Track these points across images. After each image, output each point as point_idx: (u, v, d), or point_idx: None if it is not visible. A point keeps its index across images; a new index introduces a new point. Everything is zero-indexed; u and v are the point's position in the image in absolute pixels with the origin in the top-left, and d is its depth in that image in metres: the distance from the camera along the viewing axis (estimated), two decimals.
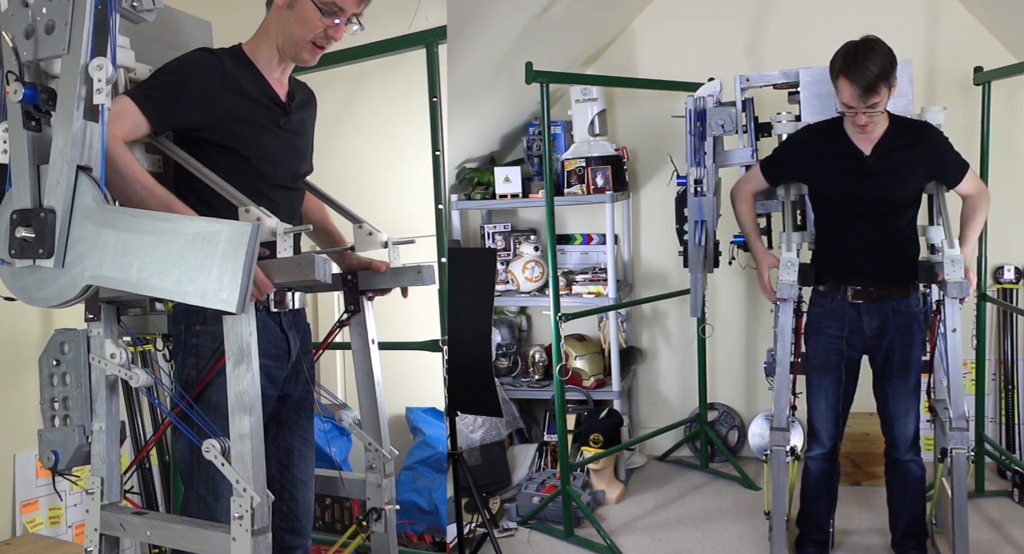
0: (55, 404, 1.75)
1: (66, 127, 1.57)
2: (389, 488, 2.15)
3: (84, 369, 1.72)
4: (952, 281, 2.52)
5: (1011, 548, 3.09)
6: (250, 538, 1.54)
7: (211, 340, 1.83)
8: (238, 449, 1.55)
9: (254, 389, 1.55)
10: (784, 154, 2.85)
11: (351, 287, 2.14)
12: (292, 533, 2.09)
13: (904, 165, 2.63)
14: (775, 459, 2.77)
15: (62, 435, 1.74)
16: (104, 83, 1.54)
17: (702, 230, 3.02)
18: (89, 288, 1.59)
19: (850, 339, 2.73)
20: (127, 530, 1.71)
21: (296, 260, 1.66)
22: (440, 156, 2.83)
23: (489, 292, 2.92)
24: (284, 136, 2.00)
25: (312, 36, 1.94)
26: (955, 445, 2.63)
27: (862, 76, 2.43)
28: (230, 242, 1.46)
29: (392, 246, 2.11)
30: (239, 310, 1.45)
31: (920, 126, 2.72)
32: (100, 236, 1.56)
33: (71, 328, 1.76)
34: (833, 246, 2.78)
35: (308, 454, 2.15)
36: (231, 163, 1.88)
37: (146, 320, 2.04)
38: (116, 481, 1.74)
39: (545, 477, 3.72)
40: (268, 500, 1.58)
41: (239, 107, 1.89)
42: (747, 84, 3.01)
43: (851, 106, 2.50)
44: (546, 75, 3.15)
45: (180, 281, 1.48)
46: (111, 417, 1.71)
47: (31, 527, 3.00)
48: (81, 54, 1.55)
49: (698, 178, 2.99)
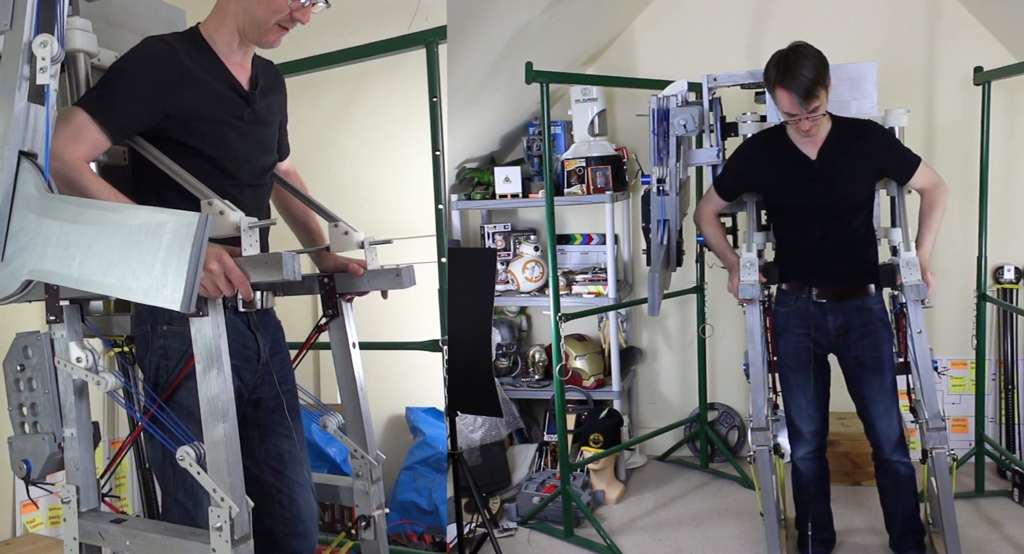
0: (23, 410, 1.67)
1: (7, 109, 1.45)
2: (377, 494, 2.06)
3: (50, 374, 1.63)
4: (909, 284, 2.56)
5: (1011, 548, 3.09)
6: (230, 549, 1.49)
7: (180, 341, 1.73)
8: (213, 457, 1.49)
9: (227, 394, 1.49)
10: (733, 168, 2.87)
11: (328, 290, 2.02)
12: (296, 537, 2.02)
13: (851, 165, 2.65)
14: (759, 459, 2.78)
15: (32, 443, 1.66)
16: (49, 62, 1.43)
17: (664, 229, 3.01)
18: (30, 283, 1.50)
19: (816, 338, 2.74)
20: (106, 539, 1.64)
21: (263, 257, 1.58)
22: (440, 156, 2.83)
23: (489, 292, 2.92)
24: (248, 130, 1.87)
25: (277, 18, 1.80)
26: (934, 445, 2.65)
27: (799, 83, 2.44)
28: (176, 234, 1.35)
29: (369, 247, 1.99)
30: (184, 308, 1.35)
31: (863, 124, 2.72)
32: (42, 227, 1.45)
33: (33, 331, 1.66)
34: (791, 250, 2.80)
35: (300, 455, 2.05)
36: (193, 163, 1.75)
37: (109, 321, 1.90)
38: (92, 487, 1.68)
39: (545, 477, 3.72)
40: (248, 507, 1.52)
41: (199, 104, 1.76)
42: (714, 83, 3.02)
43: (793, 114, 2.52)
44: (546, 75, 3.15)
45: (123, 276, 1.37)
46: (82, 422, 1.63)
47: (31, 527, 3.00)
48: (24, 30, 1.44)
49: (661, 177, 2.98)
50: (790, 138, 2.69)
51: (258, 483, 1.96)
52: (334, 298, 2.02)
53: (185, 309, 1.35)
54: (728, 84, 3.02)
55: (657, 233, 3.02)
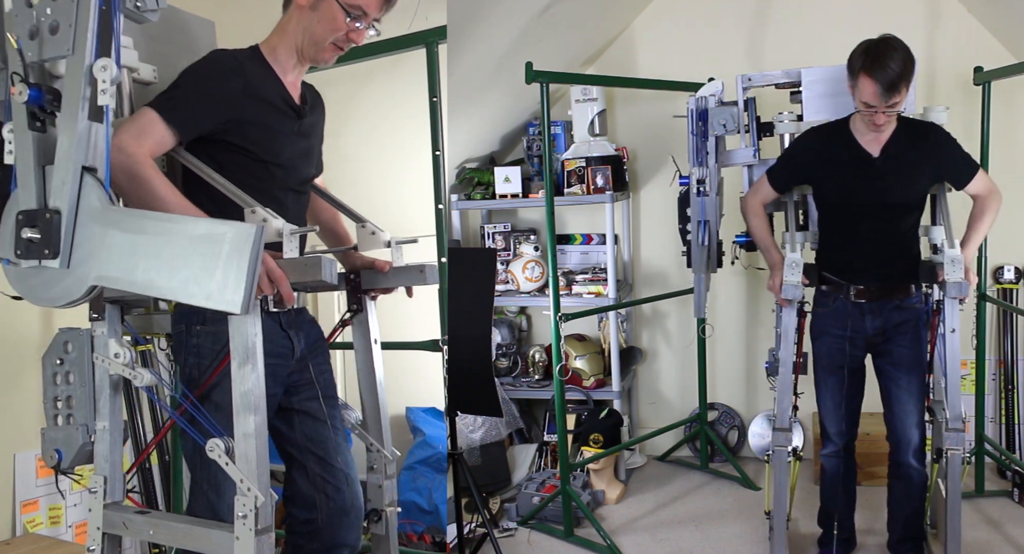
0: (58, 403, 1.75)
1: (71, 128, 1.56)
2: (390, 489, 2.14)
3: (88, 368, 1.72)
4: (952, 281, 2.52)
5: (1011, 548, 3.09)
6: (253, 537, 1.54)
7: (212, 340, 1.83)
8: (242, 448, 1.55)
9: (259, 389, 1.56)
10: (791, 159, 2.82)
11: (354, 286, 2.14)
12: (339, 528, 2.05)
13: (912, 167, 2.62)
14: (777, 459, 2.77)
15: (65, 434, 1.73)
16: (108, 84, 1.54)
17: (705, 230, 3.01)
18: (95, 288, 1.59)
19: (853, 339, 2.72)
20: (130, 529, 1.70)
21: (303, 260, 1.69)
22: (440, 156, 2.83)
23: (489, 292, 2.92)
24: (297, 141, 2.01)
25: (334, 37, 1.94)
26: (950, 446, 2.63)
27: (885, 74, 2.39)
28: (235, 243, 1.45)
29: (395, 246, 2.11)
30: (243, 311, 1.45)
31: (927, 127, 2.69)
32: (105, 237, 1.56)
33: (75, 327, 1.75)
34: (837, 247, 2.77)
35: (344, 444, 2.12)
36: (246, 165, 1.90)
37: (150, 319, 2.05)
38: (119, 480, 1.74)
39: (545, 477, 3.72)
40: (272, 500, 1.58)
41: (258, 112, 1.90)
42: (749, 84, 3.00)
43: (871, 105, 2.46)
44: (546, 75, 3.15)
45: (185, 282, 1.48)
46: (114, 416, 1.71)
47: (31, 527, 3.00)
48: (85, 55, 1.55)
49: (700, 178, 2.98)
50: (852, 133, 2.64)
51: (303, 471, 2.04)
52: (359, 294, 2.13)
53: (244, 312, 1.46)
54: (763, 84, 3.00)
55: (698, 234, 3.01)
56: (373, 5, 1.94)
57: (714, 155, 2.98)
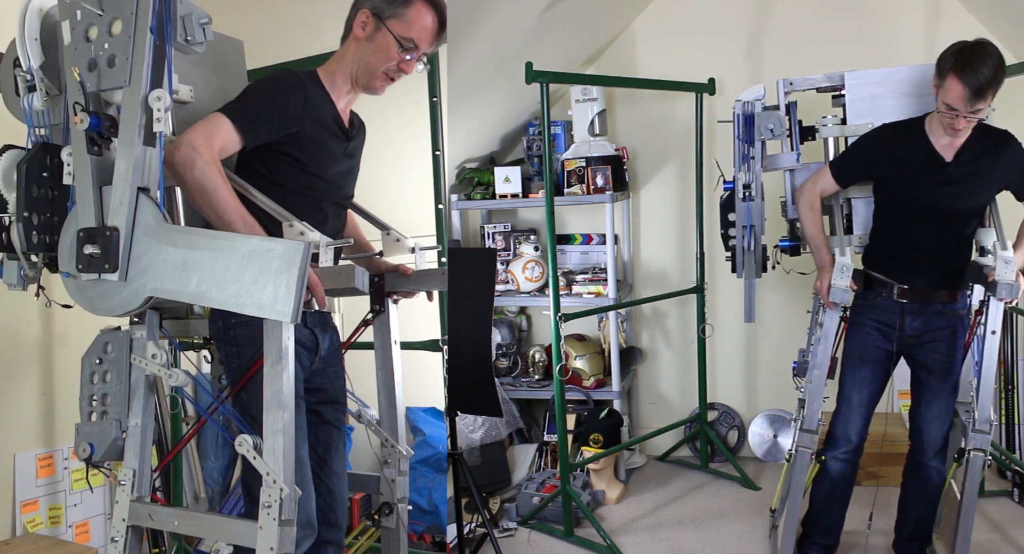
0: (93, 401, 1.84)
1: (128, 153, 1.70)
2: (403, 485, 2.25)
3: (125, 368, 1.82)
4: (1003, 282, 2.47)
5: (1011, 548, 3.09)
6: (276, 527, 1.62)
7: (248, 329, 1.91)
8: (271, 443, 1.64)
9: (289, 388, 1.65)
10: (862, 154, 2.74)
11: (377, 289, 2.24)
12: (327, 526, 2.14)
13: (983, 174, 2.58)
14: (799, 460, 2.76)
15: (99, 428, 1.82)
16: (163, 112, 1.68)
17: (751, 235, 3.00)
18: (151, 299, 1.72)
19: (888, 333, 2.69)
20: (155, 520, 1.79)
21: (337, 269, 1.85)
22: (440, 156, 2.83)
23: (489, 292, 2.92)
24: (343, 161, 2.15)
25: (386, 67, 2.07)
26: (975, 447, 2.60)
27: (975, 78, 2.35)
28: (284, 258, 1.59)
29: (419, 251, 2.25)
30: (293, 320, 1.59)
31: (1002, 135, 2.63)
32: (160, 252, 1.69)
33: (115, 329, 1.86)
34: (890, 246, 2.71)
35: (344, 448, 2.25)
36: (298, 176, 2.02)
37: (187, 324, 2.18)
38: (146, 476, 1.83)
39: (545, 477, 3.72)
40: (296, 494, 1.65)
41: (314, 130, 2.02)
42: (790, 88, 2.95)
43: (955, 108, 2.42)
44: (546, 75, 3.15)
45: (238, 294, 1.61)
46: (147, 415, 1.80)
47: (31, 527, 3.00)
48: (141, 86, 1.68)
49: (746, 183, 2.96)
50: (927, 134, 2.59)
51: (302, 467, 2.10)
52: (382, 296, 2.24)
53: (294, 321, 1.60)
54: (804, 88, 2.95)
55: (743, 239, 3.01)
56: (425, 39, 2.07)
57: (759, 160, 2.95)
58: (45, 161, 1.86)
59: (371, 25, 2.04)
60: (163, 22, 1.70)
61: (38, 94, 1.89)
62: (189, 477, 3.41)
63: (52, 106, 1.90)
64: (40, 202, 1.85)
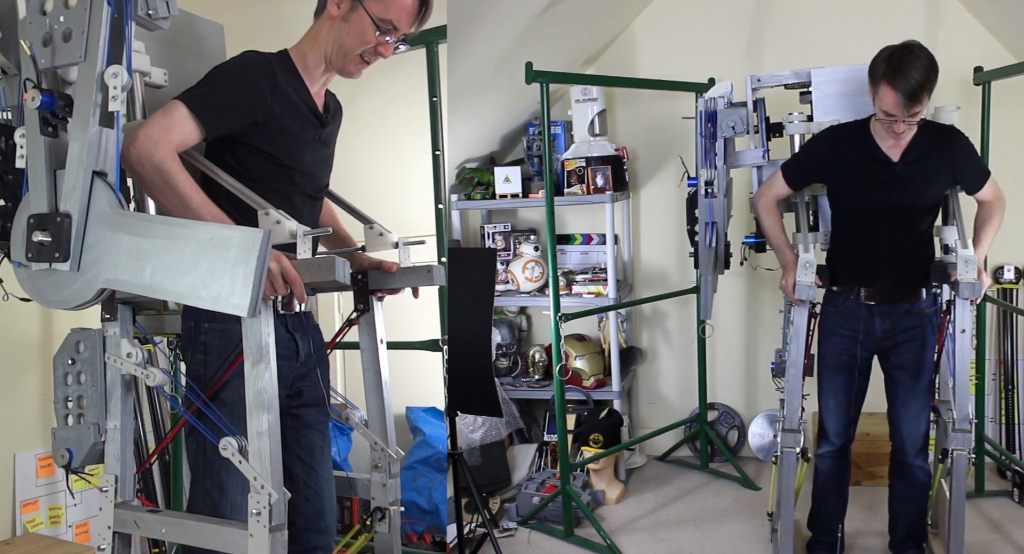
0: (69, 403, 1.76)
1: (82, 133, 1.59)
2: (394, 488, 2.16)
3: (100, 368, 1.74)
4: (964, 281, 2.49)
5: (1011, 548, 3.09)
6: (267, 534, 1.57)
7: (219, 338, 1.84)
8: (256, 446, 1.57)
9: (272, 388, 1.58)
10: (808, 157, 2.78)
11: (361, 287, 2.14)
12: (316, 532, 2.08)
13: (932, 172, 2.59)
14: (785, 461, 2.76)
15: (76, 433, 1.75)
16: (119, 90, 1.57)
17: (712, 231, 2.99)
18: (104, 291, 1.62)
19: (863, 341, 2.70)
20: (141, 527, 1.72)
21: (316, 261, 1.71)
22: (440, 156, 2.83)
23: (489, 292, 2.92)
24: (317, 149, 2.03)
25: (362, 50, 1.94)
26: (956, 446, 2.62)
27: (906, 83, 2.36)
28: (242, 247, 1.48)
29: (403, 246, 2.13)
30: (250, 314, 1.48)
31: (948, 131, 2.65)
32: (114, 240, 1.58)
33: (87, 328, 1.77)
34: (849, 249, 2.74)
35: (328, 451, 2.16)
36: (268, 169, 1.91)
37: (161, 320, 2.08)
38: (129, 480, 1.76)
39: (545, 477, 3.72)
40: (284, 497, 1.60)
41: (283, 116, 1.91)
42: (758, 84, 2.97)
43: (892, 114, 2.43)
44: (546, 75, 3.15)
45: (193, 285, 1.51)
46: (126, 416, 1.73)
47: (31, 527, 3.00)
48: (97, 62, 1.58)
49: (709, 180, 2.95)
50: (873, 135, 2.60)
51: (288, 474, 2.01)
52: (366, 294, 2.14)
53: (250, 315, 1.48)
54: (772, 84, 2.97)
55: (705, 235, 3.01)
56: (404, 20, 1.94)
57: (723, 157, 2.95)
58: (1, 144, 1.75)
59: (347, 3, 1.91)
60: None
61: None
62: None
63: (8, 86, 1.78)
64: None
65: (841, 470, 2.87)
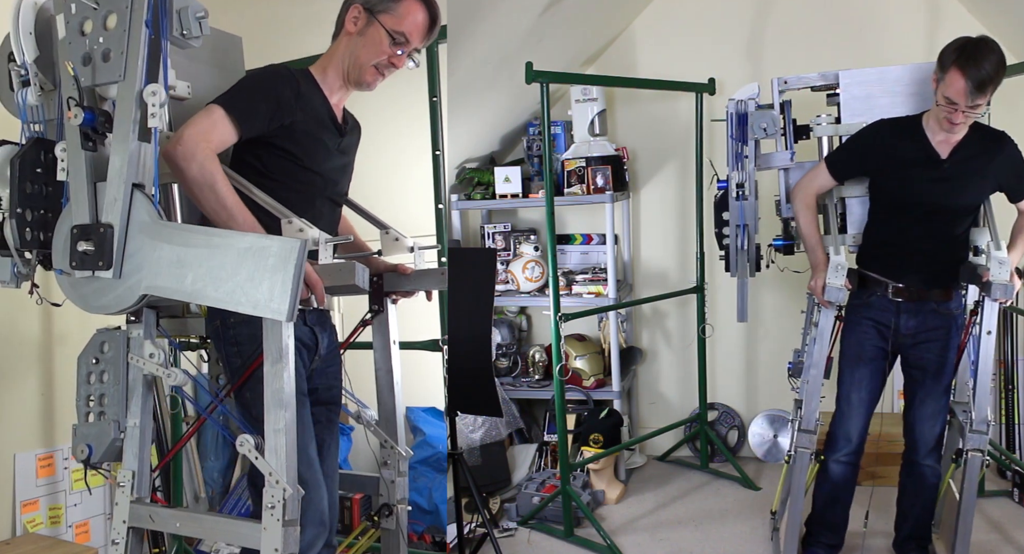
0: (90, 402, 1.83)
1: (122, 149, 1.68)
2: (402, 486, 2.24)
3: (122, 368, 1.81)
4: (997, 282, 2.47)
5: (1012, 548, 3.09)
6: (280, 528, 1.61)
7: (248, 328, 1.90)
8: (272, 443, 1.63)
9: (290, 387, 1.64)
10: (855, 149, 2.73)
11: (376, 288, 2.23)
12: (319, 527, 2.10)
13: (978, 173, 2.58)
14: (799, 461, 2.75)
15: (97, 429, 1.81)
16: (158, 107, 1.66)
17: (744, 234, 3.00)
18: (145, 296, 1.70)
19: (883, 332, 2.68)
20: (156, 522, 1.78)
21: (337, 266, 1.82)
22: (440, 156, 2.83)
23: (489, 292, 2.92)
24: (337, 157, 2.14)
25: (377, 61, 2.06)
26: (973, 447, 2.60)
27: (977, 72, 2.35)
28: (280, 256, 1.57)
29: (417, 250, 2.23)
30: (289, 318, 1.56)
31: (1001, 136, 2.64)
32: (155, 249, 1.67)
33: (112, 328, 1.84)
34: (884, 243, 2.72)
35: (336, 449, 2.23)
36: (292, 171, 2.01)
37: (184, 323, 2.16)
38: (146, 477, 1.82)
39: (545, 477, 3.72)
40: (299, 494, 1.65)
41: (308, 123, 2.02)
42: (785, 86, 2.94)
43: (954, 102, 2.42)
44: (546, 75, 3.15)
45: (233, 292, 1.59)
46: (145, 415, 1.79)
47: (31, 527, 3.00)
48: (136, 81, 1.67)
49: (740, 182, 2.96)
50: (923, 131, 2.59)
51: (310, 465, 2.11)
52: (381, 296, 2.23)
53: (289, 320, 1.57)
54: (798, 87, 2.95)
55: (737, 238, 3.00)
56: (416, 34, 2.07)
57: (753, 159, 2.94)
58: (39, 157, 1.84)
59: (363, 19, 2.05)
60: (159, 16, 1.69)
61: (32, 89, 1.88)
62: (189, 477, 3.41)
63: (46, 101, 1.89)
64: (34, 198, 1.84)
65: (854, 474, 2.83)
